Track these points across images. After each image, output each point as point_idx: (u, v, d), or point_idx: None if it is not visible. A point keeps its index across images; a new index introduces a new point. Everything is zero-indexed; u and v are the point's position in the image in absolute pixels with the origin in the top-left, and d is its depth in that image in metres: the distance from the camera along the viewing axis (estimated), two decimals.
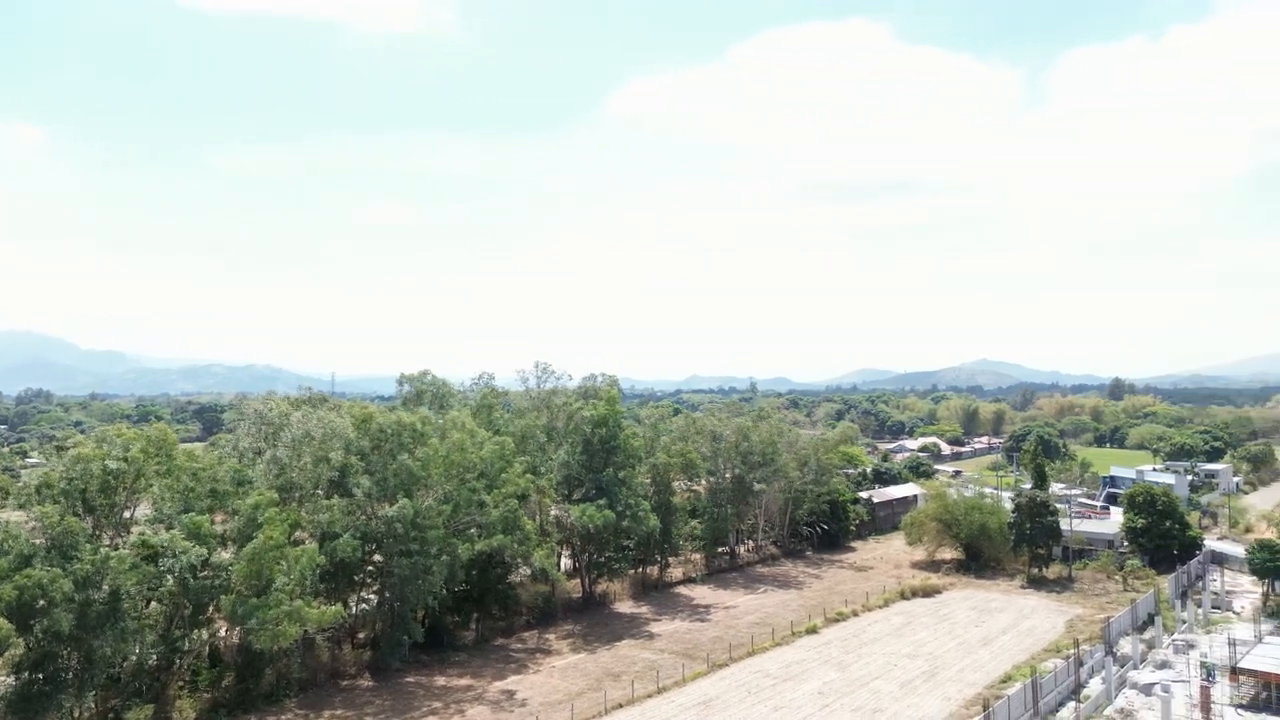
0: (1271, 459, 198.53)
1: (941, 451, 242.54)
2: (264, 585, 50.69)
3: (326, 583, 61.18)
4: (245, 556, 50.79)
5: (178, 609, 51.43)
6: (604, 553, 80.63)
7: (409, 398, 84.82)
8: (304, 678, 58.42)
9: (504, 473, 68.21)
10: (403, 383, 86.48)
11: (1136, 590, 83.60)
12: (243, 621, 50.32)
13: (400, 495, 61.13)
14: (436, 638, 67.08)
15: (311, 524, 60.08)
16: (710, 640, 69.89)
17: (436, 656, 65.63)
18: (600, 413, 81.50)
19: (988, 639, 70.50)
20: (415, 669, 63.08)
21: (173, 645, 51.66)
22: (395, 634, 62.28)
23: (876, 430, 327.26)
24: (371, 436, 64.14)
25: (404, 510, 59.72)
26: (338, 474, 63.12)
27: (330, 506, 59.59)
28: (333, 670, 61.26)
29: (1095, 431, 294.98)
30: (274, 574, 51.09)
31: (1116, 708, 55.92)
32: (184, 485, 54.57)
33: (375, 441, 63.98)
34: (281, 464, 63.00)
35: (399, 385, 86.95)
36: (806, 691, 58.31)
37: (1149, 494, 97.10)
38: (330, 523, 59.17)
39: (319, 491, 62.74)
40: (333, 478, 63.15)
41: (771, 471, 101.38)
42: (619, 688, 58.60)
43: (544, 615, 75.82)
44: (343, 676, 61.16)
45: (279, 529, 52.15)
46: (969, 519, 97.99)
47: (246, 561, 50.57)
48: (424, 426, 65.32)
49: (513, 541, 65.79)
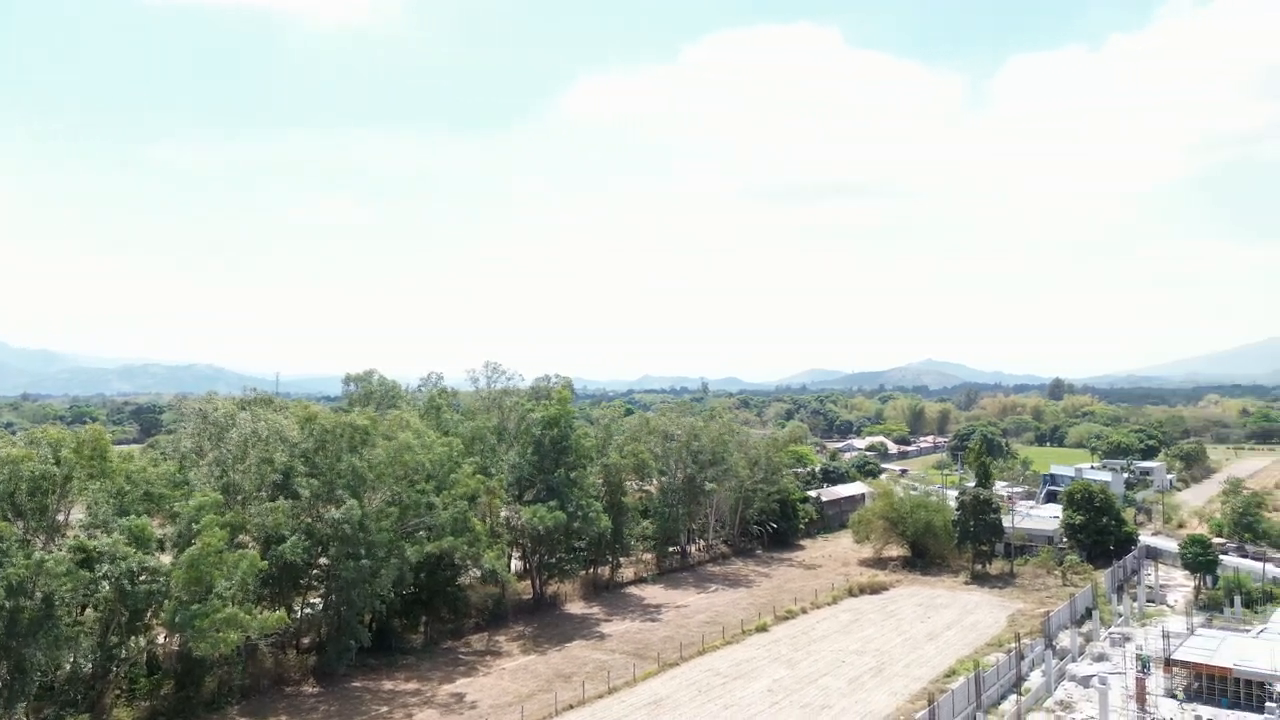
0: (1203, 457, 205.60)
1: (888, 450, 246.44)
2: (205, 591, 49.50)
3: (270, 587, 59.99)
4: (185, 562, 49.51)
5: (114, 615, 49.91)
6: (555, 554, 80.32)
7: (355, 398, 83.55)
8: (246, 685, 57.14)
9: (453, 474, 67.56)
10: (349, 383, 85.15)
11: (1075, 585, 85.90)
12: (183, 628, 49.07)
13: (348, 497, 60.16)
14: (384, 641, 66.14)
15: (255, 527, 58.82)
16: (661, 640, 70.05)
17: (384, 660, 64.72)
18: (552, 413, 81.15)
19: (933, 634, 71.81)
20: (362, 673, 62.12)
21: (109, 653, 50.15)
22: (342, 638, 61.20)
23: (825, 430, 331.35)
24: (316, 437, 63.02)
25: (351, 512, 58.76)
26: (282, 476, 61.89)
27: (275, 509, 58.39)
28: (276, 676, 60.01)
29: (1036, 430, 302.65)
30: (215, 579, 49.92)
31: (1056, 699, 57.37)
32: (118, 488, 53.03)
33: (319, 442, 62.87)
34: (224, 465, 61.60)
35: (345, 385, 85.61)
36: (756, 689, 58.76)
37: (1087, 491, 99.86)
38: (275, 525, 58.00)
39: (262, 493, 61.46)
40: (277, 480, 61.91)
41: (722, 471, 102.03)
42: (570, 689, 58.41)
43: (494, 617, 75.26)
44: (287, 683, 59.92)
45: (219, 535, 50.97)
46: (915, 517, 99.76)
47: (186, 567, 49.32)
48: (370, 427, 64.38)
49: (462, 543, 65.19)
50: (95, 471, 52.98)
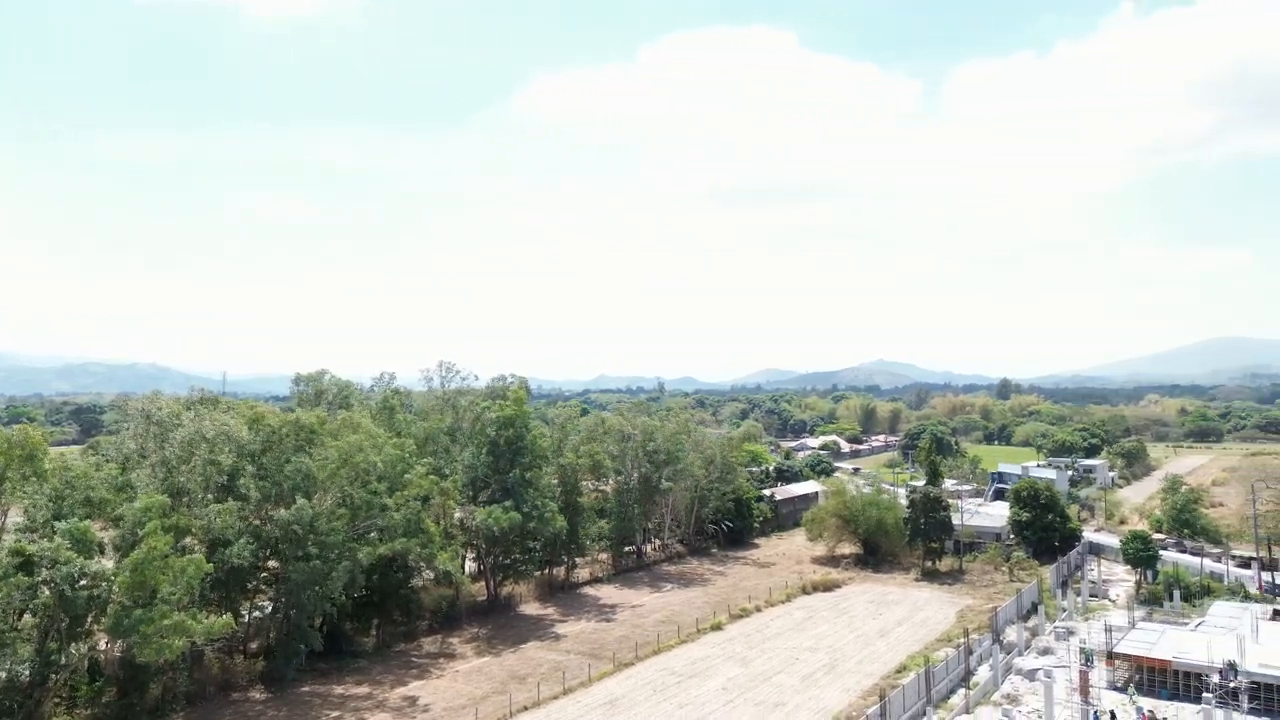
0: (1143, 455, 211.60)
1: (841, 449, 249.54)
2: (149, 596, 48.24)
3: (217, 591, 58.70)
4: (129, 566, 48.19)
5: (54, 621, 48.39)
6: (510, 554, 79.82)
7: (305, 398, 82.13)
8: (191, 691, 55.79)
9: (406, 475, 66.76)
10: (298, 383, 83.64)
11: (1022, 580, 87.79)
12: (126, 634, 47.77)
13: (299, 497, 59.10)
14: (335, 645, 65.11)
15: (201, 530, 57.47)
16: (617, 640, 70.01)
17: (335, 664, 63.70)
18: (507, 413, 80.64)
19: (885, 631, 72.83)
20: (312, 678, 61.07)
21: (48, 660, 48.59)
22: (291, 642, 60.11)
23: (780, 429, 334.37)
24: (263, 438, 61.76)
25: (301, 512, 57.75)
26: (228, 477, 60.59)
27: (221, 511, 57.11)
28: (223, 683, 58.70)
29: (984, 429, 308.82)
30: (159, 584, 48.68)
31: (1003, 693, 58.57)
32: (56, 491, 51.42)
33: (267, 443, 61.63)
34: (169, 467, 60.07)
35: (294, 386, 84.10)
36: (711, 688, 59.02)
37: (1033, 489, 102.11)
38: (222, 528, 56.74)
39: (209, 496, 60.08)
40: (223, 481, 60.59)
41: (678, 470, 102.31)
42: (524, 690, 58.09)
43: (448, 619, 74.54)
44: (234, 689, 58.67)
45: (165, 539, 49.71)
46: (867, 515, 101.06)
47: (130, 571, 48.01)
48: (318, 427, 63.28)
49: (415, 545, 64.48)
50: (28, 473, 51.33)
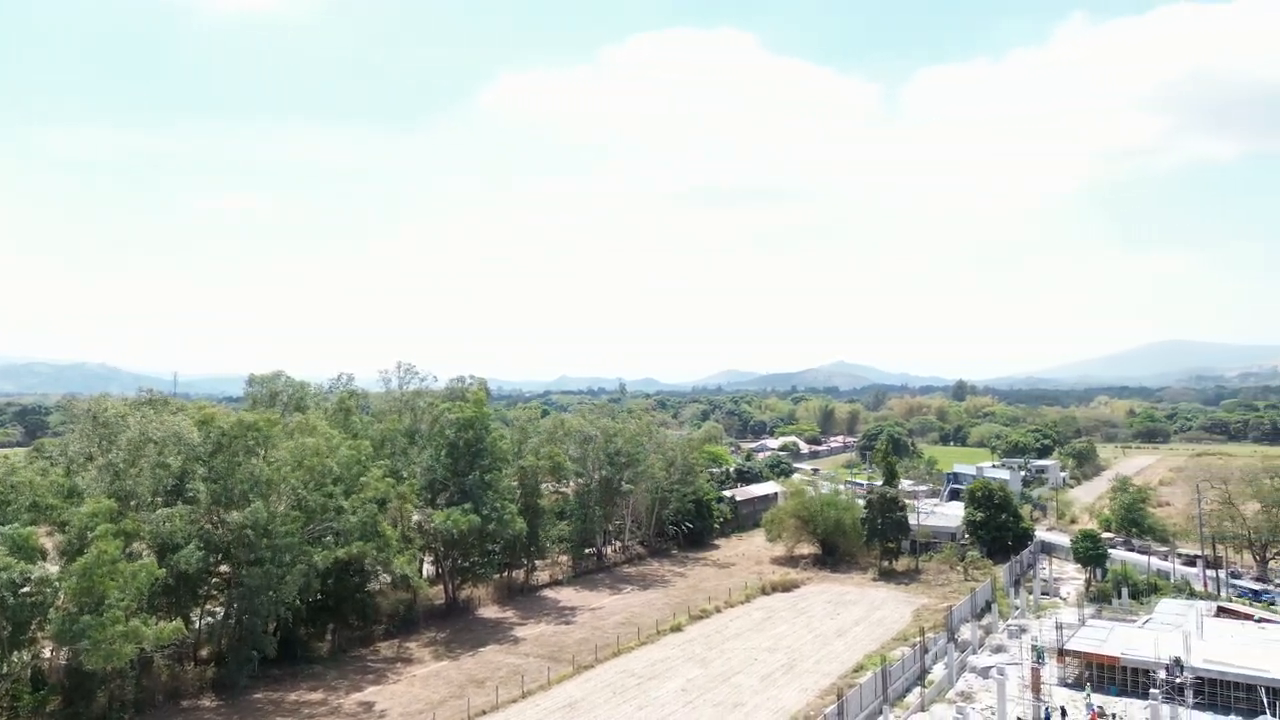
0: (1093, 455, 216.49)
1: (800, 450, 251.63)
2: (97, 602, 46.99)
3: (166, 596, 57.39)
4: (76, 571, 46.93)
5: None
6: (469, 557, 79.15)
7: (260, 399, 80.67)
8: (140, 699, 54.45)
9: (362, 477, 65.85)
10: (253, 384, 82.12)
11: (976, 580, 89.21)
12: (73, 641, 46.52)
13: (254, 499, 57.98)
14: (289, 650, 63.99)
15: (150, 534, 56.13)
16: (576, 642, 69.80)
17: (289, 670, 62.61)
18: (467, 415, 79.97)
19: (842, 630, 73.51)
20: (265, 684, 59.95)
21: None
22: (243, 648, 58.95)
23: (740, 430, 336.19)
24: (213, 440, 60.48)
25: (255, 516, 56.68)
26: (177, 480, 59.24)
27: (171, 515, 55.85)
28: (172, 690, 57.37)
29: (940, 430, 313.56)
30: (108, 589, 47.45)
31: (957, 691, 59.44)
32: None
33: (217, 445, 60.34)
34: (116, 470, 58.60)
35: (248, 387, 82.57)
36: (670, 689, 59.08)
37: (987, 490, 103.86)
38: (171, 532, 55.48)
39: (158, 499, 58.72)
40: (172, 484, 59.24)
41: (639, 472, 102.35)
42: (483, 694, 57.64)
43: (405, 623, 73.70)
44: (183, 696, 57.35)
45: (115, 543, 48.48)
46: (825, 515, 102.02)
47: (78, 577, 46.74)
48: (269, 429, 62.04)
49: (372, 548, 63.63)
50: None
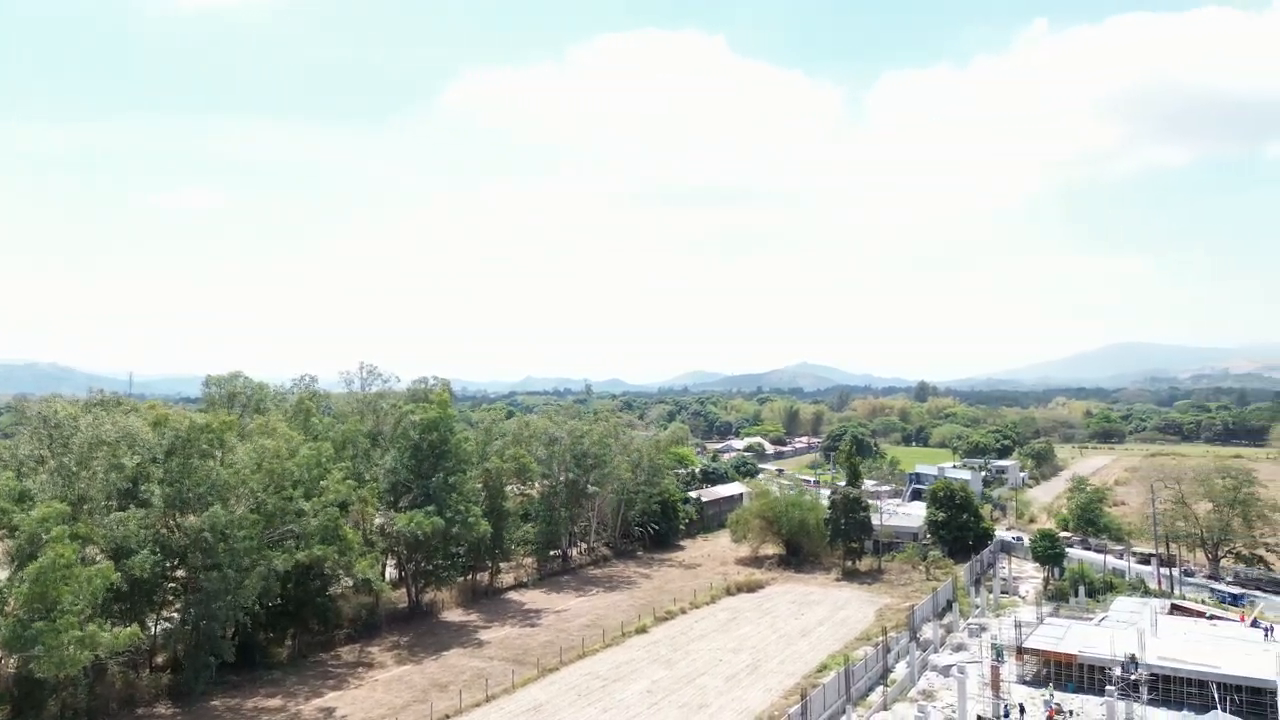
0: (1051, 456, 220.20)
1: (766, 451, 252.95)
2: (49, 608, 45.79)
3: (121, 602, 56.11)
4: (29, 577, 45.70)
5: None
6: (432, 560, 78.40)
7: (217, 401, 79.24)
8: (93, 707, 53.22)
9: (323, 480, 64.93)
10: (210, 385, 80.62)
11: (937, 579, 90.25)
12: (24, 649, 45.27)
13: (212, 503, 56.89)
14: (248, 656, 62.97)
15: (104, 538, 54.85)
16: (541, 645, 69.46)
17: (248, 676, 61.59)
18: (431, 416, 79.21)
19: (806, 630, 73.96)
20: (223, 691, 58.90)
21: None
22: (200, 654, 57.87)
23: (706, 431, 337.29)
24: (167, 441, 59.22)
25: (212, 520, 55.61)
26: (131, 483, 57.95)
27: (125, 518, 54.62)
28: (126, 698, 56.19)
29: (903, 431, 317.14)
30: (61, 595, 46.28)
31: (919, 689, 60.07)
32: None
33: (171, 447, 59.10)
34: (68, 473, 57.18)
35: (205, 388, 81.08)
36: (635, 691, 59.01)
37: (949, 490, 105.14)
38: (125, 537, 54.26)
39: (111, 503, 57.40)
40: (126, 487, 57.94)
41: (605, 473, 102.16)
42: (446, 698, 57.13)
43: (367, 627, 72.84)
44: (138, 704, 56.19)
45: (70, 547, 47.28)
46: (790, 516, 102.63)
47: (30, 582, 45.51)
48: (224, 431, 60.87)
49: (333, 552, 62.76)
50: None
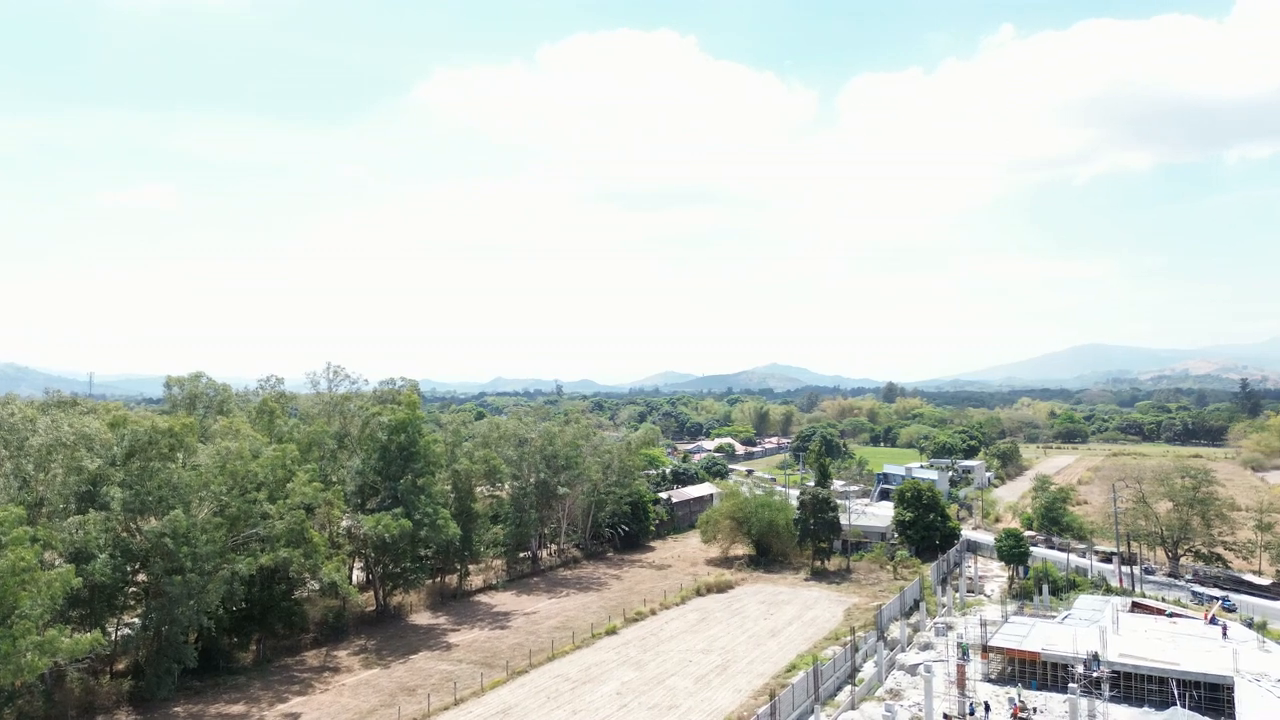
0: (1017, 455, 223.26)
1: (736, 451, 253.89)
2: (6, 613, 44.70)
3: (80, 607, 55.04)
4: None
5: None
6: (400, 563, 77.74)
7: (179, 402, 77.95)
8: (51, 714, 52.15)
9: (288, 482, 64.09)
10: (171, 386, 79.27)
11: (905, 579, 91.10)
12: None
13: (173, 506, 55.90)
14: (211, 661, 62.06)
15: (63, 542, 53.68)
16: (510, 647, 69.11)
17: (211, 682, 60.64)
18: (399, 418, 78.51)
19: (775, 630, 74.27)
20: (185, 697, 57.93)
21: None
22: (162, 660, 56.89)
23: (677, 431, 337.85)
24: (127, 444, 58.09)
25: (174, 524, 54.65)
26: (90, 486, 56.77)
27: (85, 522, 53.50)
28: (86, 704, 55.08)
29: (871, 431, 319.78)
30: (20, 600, 45.20)
31: (887, 688, 60.54)
32: None
33: (131, 449, 57.97)
34: (26, 475, 55.91)
35: (166, 389, 79.71)
36: (605, 693, 58.89)
37: (916, 490, 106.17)
38: (86, 541, 53.17)
39: (70, 506, 56.21)
40: (85, 490, 56.76)
41: (576, 475, 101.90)
42: (413, 702, 56.63)
43: (334, 631, 72.06)
44: (98, 710, 55.10)
45: (30, 550, 46.16)
46: (759, 516, 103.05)
47: None
48: (185, 433, 59.81)
49: (299, 555, 61.97)
50: None
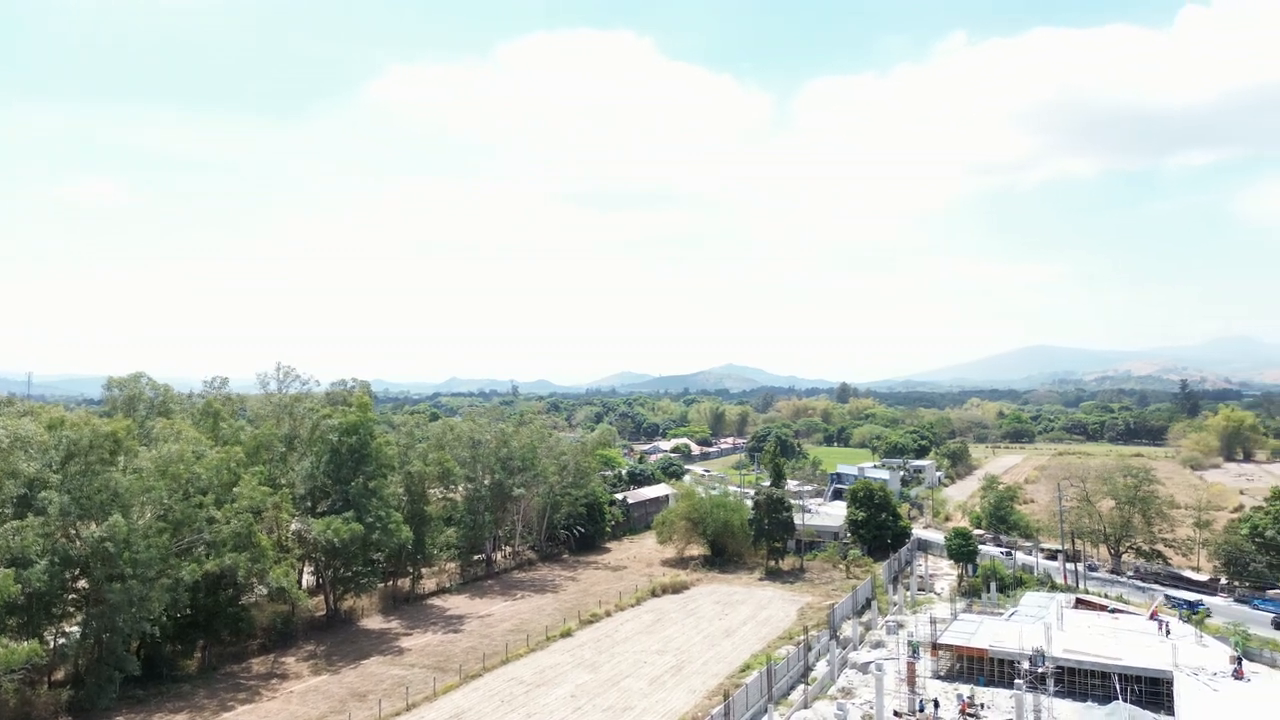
0: (966, 455, 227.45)
1: (692, 452, 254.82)
2: None
3: (17, 616, 53.29)
4: None
5: None
6: (351, 567, 76.54)
7: (118, 403, 75.90)
8: None
9: (235, 485, 62.76)
10: (111, 387, 77.12)
11: (857, 577, 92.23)
12: None
13: (115, 512, 54.39)
14: (154, 669, 60.56)
15: None
16: (464, 651, 68.51)
17: (154, 690, 59.14)
18: (350, 420, 77.37)
19: (730, 630, 74.66)
20: (127, 706, 56.41)
21: None
22: (104, 669, 55.41)
23: (633, 432, 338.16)
24: (64, 446, 56.40)
25: (115, 529, 53.18)
26: (27, 489, 55.03)
27: (22, 528, 51.81)
28: (23, 715, 53.31)
29: (825, 431, 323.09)
30: None
31: (839, 687, 61.22)
32: None
33: (68, 452, 56.29)
34: None
35: (106, 390, 77.57)
36: (559, 695, 58.66)
37: (868, 490, 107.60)
38: (23, 546, 51.49)
39: (6, 510, 54.41)
40: (22, 494, 54.99)
41: (531, 477, 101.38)
42: (364, 708, 55.83)
43: (282, 637, 70.73)
44: None
45: None
46: (714, 516, 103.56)
47: None
48: (125, 436, 58.25)
49: (246, 559, 60.75)
50: None
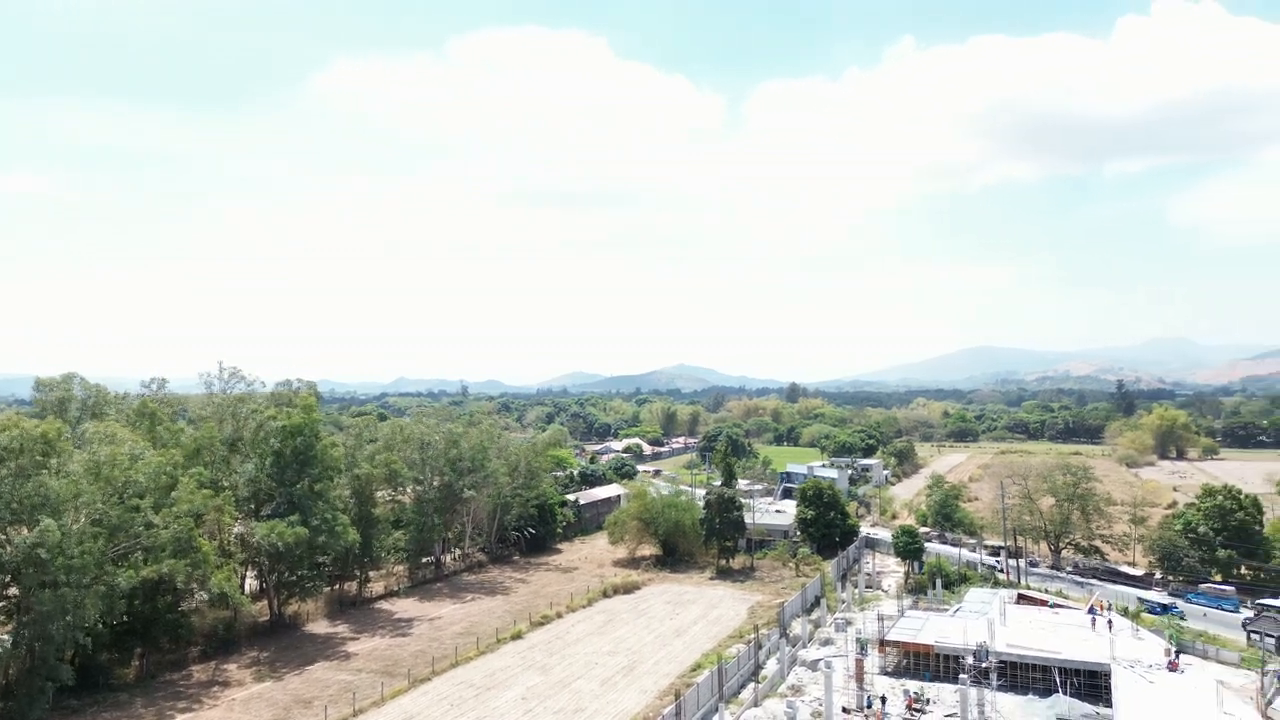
0: (912, 454, 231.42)
1: (643, 452, 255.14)
2: None
3: None
4: None
5: None
6: (296, 571, 74.91)
7: (49, 405, 73.36)
8: None
9: (173, 489, 61.06)
10: (40, 388, 74.51)
11: (807, 576, 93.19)
12: None
13: (44, 516, 52.47)
14: (90, 678, 58.69)
15: None
16: (412, 655, 67.62)
17: (89, 700, 57.36)
18: (295, 422, 75.80)
19: (681, 630, 74.87)
20: (61, 717, 54.66)
21: None
22: (35, 679, 53.40)
23: (585, 432, 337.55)
24: None
25: (47, 534, 51.33)
26: None
27: None
28: None
29: (775, 431, 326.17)
30: None
31: (789, 684, 61.77)
32: None
33: None
34: None
35: (36, 390, 74.94)
36: (510, 698, 58.22)
37: (817, 488, 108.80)
38: None
39: None
40: None
41: (482, 478, 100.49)
42: (309, 715, 54.77)
43: (224, 643, 69.06)
44: None
45: None
46: (666, 516, 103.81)
47: None
48: (57, 438, 56.26)
49: (185, 565, 59.16)
50: None
